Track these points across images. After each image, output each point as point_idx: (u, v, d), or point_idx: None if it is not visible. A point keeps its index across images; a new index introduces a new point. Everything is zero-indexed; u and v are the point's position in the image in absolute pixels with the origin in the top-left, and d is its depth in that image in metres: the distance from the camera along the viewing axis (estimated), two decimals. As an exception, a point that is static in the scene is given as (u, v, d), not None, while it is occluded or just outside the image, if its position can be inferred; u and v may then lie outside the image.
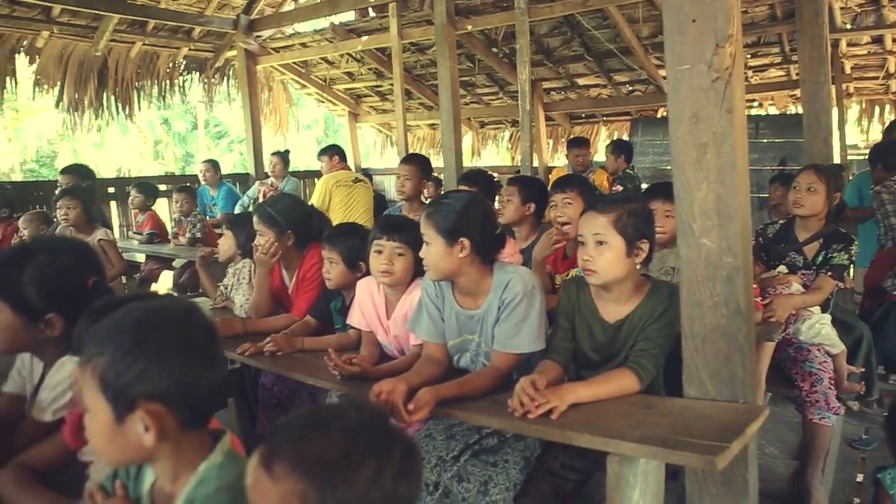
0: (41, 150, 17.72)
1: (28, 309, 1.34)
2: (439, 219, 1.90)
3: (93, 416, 0.90)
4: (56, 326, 1.36)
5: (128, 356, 0.88)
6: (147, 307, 0.94)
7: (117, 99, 7.62)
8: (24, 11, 6.55)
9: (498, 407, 1.70)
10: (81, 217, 3.72)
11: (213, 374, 0.94)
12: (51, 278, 1.36)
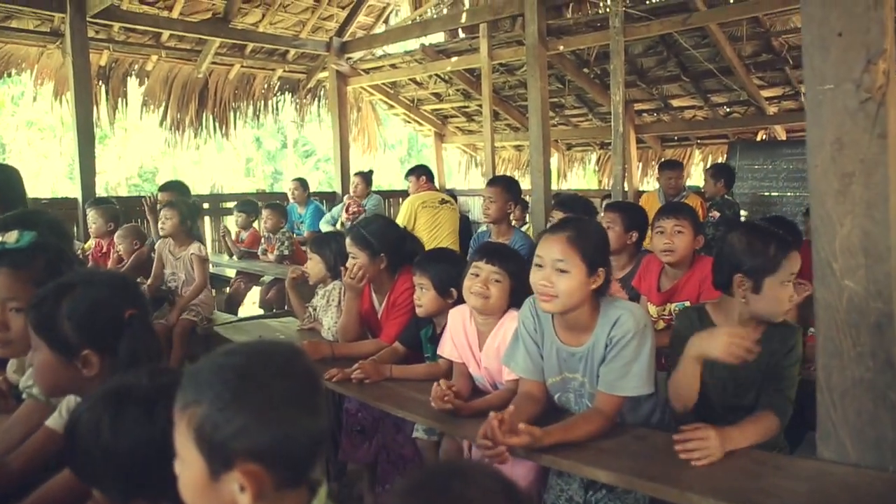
0: (144, 167, 18.77)
1: (63, 346, 1.27)
2: (587, 245, 1.74)
3: (185, 467, 0.82)
4: (93, 364, 1.28)
5: (227, 409, 0.79)
6: (249, 351, 0.86)
7: (215, 118, 7.93)
8: (137, 38, 6.95)
9: (606, 457, 1.54)
10: (177, 228, 3.80)
11: (316, 427, 0.85)
12: (85, 312, 1.29)
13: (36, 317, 1.26)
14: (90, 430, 1.00)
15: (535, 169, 5.36)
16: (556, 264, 1.72)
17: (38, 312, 1.26)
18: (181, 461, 0.83)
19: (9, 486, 1.35)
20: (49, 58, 6.57)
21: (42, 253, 1.61)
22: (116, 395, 1.03)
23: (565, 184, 9.59)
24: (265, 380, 0.82)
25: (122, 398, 1.01)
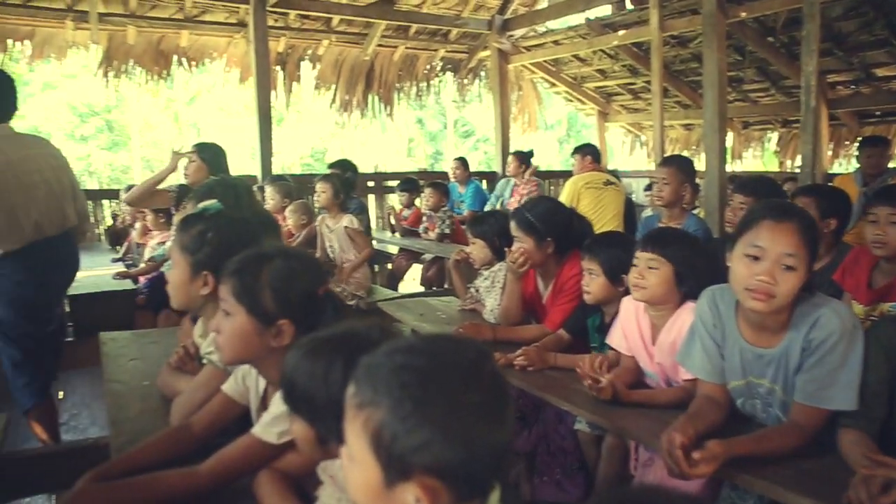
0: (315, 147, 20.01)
1: (263, 313, 1.30)
2: (813, 237, 1.53)
3: (357, 466, 0.78)
4: (286, 334, 1.30)
5: (409, 420, 0.73)
6: (432, 351, 0.78)
7: (380, 99, 8.18)
8: (310, 24, 7.34)
9: (811, 482, 1.34)
10: (331, 201, 3.92)
11: (502, 440, 0.77)
12: (285, 283, 1.31)
13: (238, 283, 1.30)
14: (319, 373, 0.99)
15: (709, 149, 4.95)
16: (783, 259, 1.49)
17: (241, 279, 1.30)
18: (352, 458, 0.79)
19: (190, 448, 1.43)
20: (235, 47, 7.11)
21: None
22: (350, 342, 1.02)
23: (739, 165, 8.84)
24: (450, 388, 0.75)
25: (355, 346, 1.00)
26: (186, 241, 1.61)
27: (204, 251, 1.59)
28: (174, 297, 1.64)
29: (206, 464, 1.25)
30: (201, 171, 3.32)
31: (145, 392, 1.82)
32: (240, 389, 1.45)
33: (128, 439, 1.52)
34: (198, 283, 1.59)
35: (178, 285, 1.61)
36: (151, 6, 6.44)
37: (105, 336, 2.37)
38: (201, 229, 1.61)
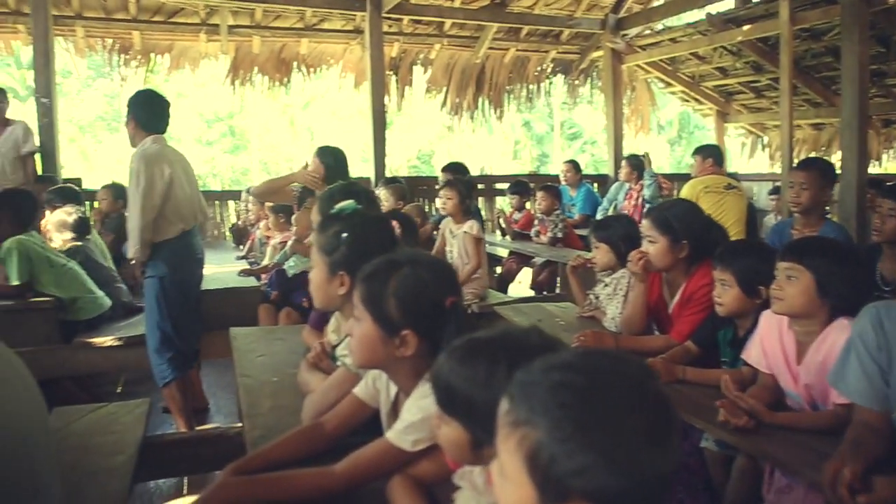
0: (422, 150, 20.35)
1: (387, 322, 1.28)
2: None
3: (510, 483, 0.74)
4: (410, 345, 1.28)
5: (568, 443, 0.68)
6: (591, 369, 0.74)
7: (490, 102, 8.18)
8: (423, 28, 7.46)
9: None
10: (457, 208, 3.93)
11: (667, 467, 0.71)
12: (411, 292, 1.29)
13: (366, 290, 1.30)
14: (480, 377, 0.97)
15: (846, 149, 4.59)
16: None
17: (369, 286, 1.30)
18: (504, 475, 0.75)
19: (322, 447, 1.45)
20: (351, 53, 7.34)
21: None
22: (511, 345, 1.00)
23: (877, 167, 8.14)
24: (613, 410, 0.70)
25: (516, 350, 0.98)
26: (323, 242, 1.64)
27: (340, 251, 1.61)
28: (315, 297, 1.68)
29: (341, 465, 1.26)
30: (321, 174, 3.43)
31: (275, 388, 1.88)
32: (370, 392, 1.46)
33: (261, 434, 1.57)
34: (335, 283, 1.61)
35: (317, 285, 1.65)
36: (275, 16, 6.76)
37: (235, 331, 2.49)
38: (337, 230, 1.64)
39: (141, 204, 3.08)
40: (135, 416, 2.15)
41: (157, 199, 3.12)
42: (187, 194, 3.27)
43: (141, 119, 3.24)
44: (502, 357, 0.97)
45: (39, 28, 5.24)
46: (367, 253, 1.55)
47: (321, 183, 3.36)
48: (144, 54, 6.58)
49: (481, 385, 0.95)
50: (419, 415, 1.22)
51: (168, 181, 3.16)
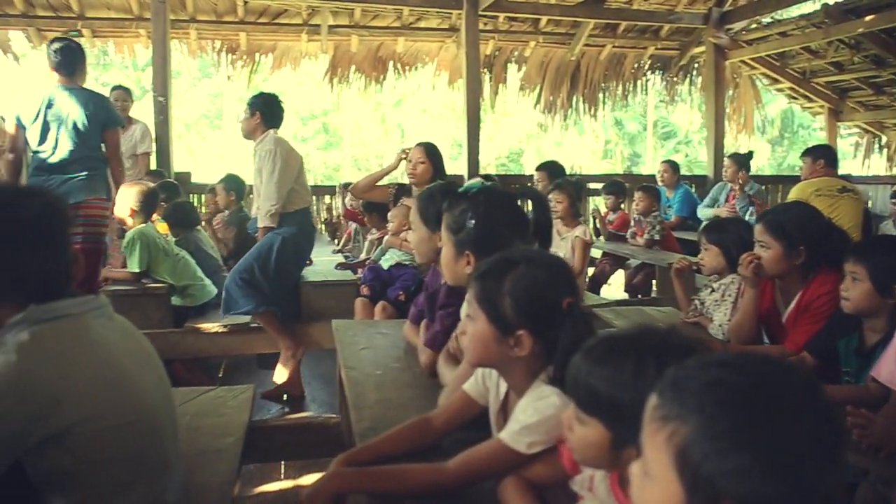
0: (511, 148, 20.26)
1: (501, 321, 1.26)
2: None
3: (653, 481, 0.72)
4: (525, 345, 1.25)
5: (722, 441, 0.65)
6: (752, 369, 0.70)
7: (584, 100, 8.03)
8: (518, 26, 7.40)
9: None
10: (568, 211, 3.87)
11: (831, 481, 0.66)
12: (526, 292, 1.26)
13: (480, 288, 1.29)
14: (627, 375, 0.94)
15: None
16: None
17: (483, 285, 1.29)
18: (649, 474, 0.72)
19: (430, 441, 1.45)
20: (446, 51, 7.39)
21: None
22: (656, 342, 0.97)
23: None
24: (776, 413, 0.66)
25: (662, 347, 0.95)
26: (450, 221, 1.66)
27: (466, 230, 1.62)
28: (445, 274, 1.71)
29: (454, 463, 1.26)
30: (428, 172, 3.48)
31: (379, 381, 1.91)
32: (480, 390, 1.45)
33: (369, 426, 1.59)
34: (462, 262, 1.62)
35: (446, 263, 1.68)
36: (373, 16, 6.89)
37: (337, 324, 2.54)
38: (463, 209, 1.64)
39: (277, 178, 3.51)
40: (240, 401, 2.24)
41: (292, 174, 3.60)
42: (303, 179, 3.75)
43: (266, 115, 3.65)
44: (649, 355, 0.94)
45: (158, 31, 5.58)
46: (494, 232, 1.55)
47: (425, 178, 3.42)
48: (250, 54, 6.88)
49: (628, 384, 0.93)
50: (535, 417, 1.20)
51: (299, 160, 3.70)
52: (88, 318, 1.32)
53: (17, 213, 1.26)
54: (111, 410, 1.27)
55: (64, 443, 1.22)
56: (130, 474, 1.31)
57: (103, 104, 3.83)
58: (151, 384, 1.40)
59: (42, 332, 1.23)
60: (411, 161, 3.55)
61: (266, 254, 3.58)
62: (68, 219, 1.39)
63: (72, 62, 3.69)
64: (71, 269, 1.36)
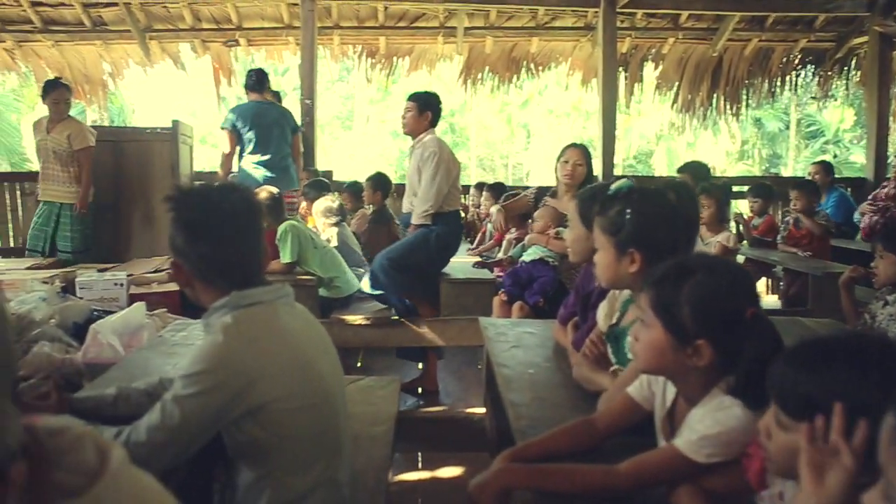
0: (640, 149, 19.63)
1: (679, 330, 1.23)
2: None
3: None
4: (704, 355, 1.21)
5: None
6: None
7: (726, 98, 7.63)
8: (656, 22, 7.15)
9: None
10: (714, 216, 3.71)
11: None
12: (706, 300, 1.22)
13: (656, 295, 1.27)
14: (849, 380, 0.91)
15: None
16: None
17: (658, 291, 1.27)
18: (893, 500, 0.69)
19: (592, 443, 1.45)
20: (580, 50, 7.28)
21: None
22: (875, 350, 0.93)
23: None
24: None
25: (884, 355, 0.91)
26: (606, 224, 1.65)
27: (626, 230, 1.61)
28: (602, 277, 1.70)
29: (626, 466, 1.25)
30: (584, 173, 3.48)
31: (532, 380, 1.92)
32: (645, 394, 1.43)
33: (528, 424, 1.60)
34: (625, 261, 1.61)
35: (605, 266, 1.67)
36: (508, 17, 6.93)
37: (485, 321, 2.59)
38: (619, 209, 1.63)
39: (438, 182, 3.70)
40: (389, 392, 2.34)
41: (451, 179, 3.76)
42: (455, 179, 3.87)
43: (434, 115, 3.90)
44: (870, 362, 0.89)
45: (307, 38, 5.92)
46: (655, 226, 1.54)
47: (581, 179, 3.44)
48: (388, 58, 7.13)
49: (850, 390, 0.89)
50: (716, 428, 1.17)
51: (457, 166, 3.87)
52: (278, 306, 1.43)
53: (221, 208, 1.39)
54: (298, 392, 1.37)
55: (258, 418, 1.34)
56: (311, 452, 1.41)
57: (290, 114, 4.99)
58: (329, 370, 1.49)
59: (241, 316, 1.35)
60: (569, 162, 3.53)
61: (418, 246, 3.78)
62: (261, 212, 1.52)
63: (263, 83, 4.84)
64: (263, 258, 1.48)
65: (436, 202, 3.72)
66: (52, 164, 4.94)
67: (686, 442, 1.20)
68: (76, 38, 6.76)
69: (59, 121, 4.95)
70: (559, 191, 3.63)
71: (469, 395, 3.85)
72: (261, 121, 4.71)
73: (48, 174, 4.95)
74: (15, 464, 0.63)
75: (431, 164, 3.71)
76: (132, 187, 5.41)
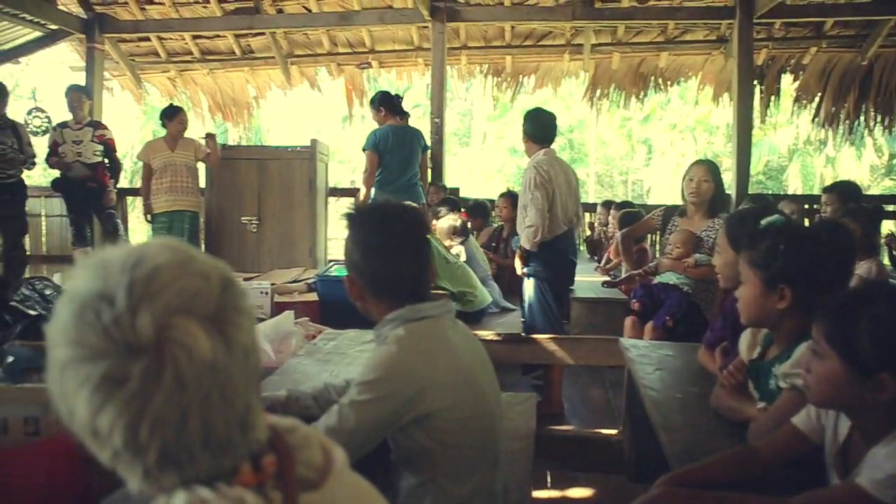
0: (770, 164, 18.53)
1: (860, 363, 1.17)
2: None
3: None
4: (887, 389, 1.15)
5: None
6: None
7: (876, 109, 7.08)
8: (797, 31, 6.78)
9: None
10: (860, 244, 3.44)
11: None
12: (889, 331, 1.15)
13: (832, 327, 1.23)
14: None
15: None
16: None
17: (835, 322, 1.22)
18: None
19: (754, 473, 1.41)
20: (712, 63, 7.03)
21: None
22: None
23: None
24: None
25: None
26: (756, 257, 1.61)
27: (778, 265, 1.57)
28: (745, 312, 1.66)
29: (799, 500, 1.21)
30: (711, 190, 3.37)
31: (682, 404, 1.88)
32: (813, 426, 1.37)
33: (682, 449, 1.58)
34: (773, 297, 1.57)
35: (749, 301, 1.63)
36: (636, 32, 6.82)
37: (625, 342, 2.57)
38: (771, 243, 1.59)
39: (537, 205, 3.66)
40: (526, 408, 2.37)
41: (543, 209, 3.65)
42: (564, 201, 3.78)
43: (532, 135, 3.85)
44: None
45: (437, 59, 6.12)
46: (810, 263, 1.50)
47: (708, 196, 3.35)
48: (514, 76, 7.22)
49: None
50: None
51: (550, 193, 3.68)
52: (445, 321, 1.51)
53: (395, 227, 1.49)
54: (462, 403, 1.44)
55: (425, 426, 1.41)
56: (471, 462, 1.47)
57: (421, 134, 5.34)
58: (489, 384, 1.55)
59: (413, 329, 1.44)
60: (694, 180, 3.43)
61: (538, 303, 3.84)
62: (429, 231, 1.61)
63: (399, 107, 5.20)
64: (430, 274, 1.57)
65: (535, 235, 3.68)
66: (182, 177, 5.57)
67: (871, 481, 1.15)
68: (227, 65, 7.37)
69: (179, 139, 5.59)
70: (689, 210, 3.52)
71: (596, 415, 3.80)
72: (399, 143, 5.06)
73: (177, 187, 5.55)
74: (266, 456, 0.72)
75: (527, 192, 3.71)
76: (273, 202, 5.81)
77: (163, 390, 0.61)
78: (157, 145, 5.76)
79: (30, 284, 3.31)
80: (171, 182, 5.56)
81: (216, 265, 0.70)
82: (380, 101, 5.16)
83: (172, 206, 5.56)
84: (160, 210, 5.61)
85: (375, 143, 5.00)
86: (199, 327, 0.63)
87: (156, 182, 5.59)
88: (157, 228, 5.66)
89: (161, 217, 5.61)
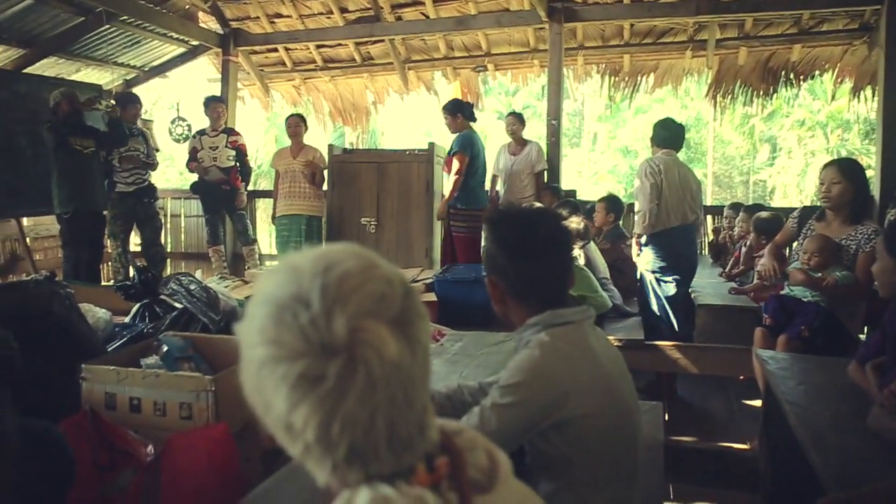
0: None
1: None
2: None
3: None
4: None
5: None
6: None
7: None
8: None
9: None
10: None
11: None
12: None
13: None
14: None
15: None
16: None
17: None
18: None
19: None
20: (852, 55, 6.51)
21: None
22: None
23: None
24: None
25: None
26: None
27: None
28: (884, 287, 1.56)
29: None
30: (848, 192, 3.10)
31: (832, 424, 1.77)
32: None
33: (837, 472, 1.49)
34: None
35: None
36: (766, 25, 6.44)
37: (763, 353, 2.44)
38: None
39: (642, 197, 3.95)
40: (653, 417, 2.29)
41: (650, 196, 3.90)
42: (675, 196, 3.98)
43: (659, 141, 4.16)
44: None
45: (554, 61, 6.07)
46: None
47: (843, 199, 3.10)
48: (632, 75, 7.02)
49: None
50: None
51: (659, 184, 3.93)
52: (585, 326, 1.49)
53: (540, 230, 1.49)
54: (603, 411, 1.41)
55: (564, 431, 1.40)
56: (610, 471, 1.45)
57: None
58: (628, 392, 1.52)
59: (556, 333, 1.44)
60: (824, 183, 3.17)
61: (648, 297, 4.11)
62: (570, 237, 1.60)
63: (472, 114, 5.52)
64: (571, 279, 1.56)
65: (645, 224, 3.95)
66: (301, 183, 5.90)
67: None
68: (348, 72, 7.66)
69: (300, 147, 5.98)
70: (827, 215, 3.24)
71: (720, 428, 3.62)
72: (481, 147, 5.50)
73: (294, 192, 5.90)
74: (438, 456, 0.74)
75: (637, 180, 4.09)
76: (392, 203, 5.97)
77: (355, 389, 0.64)
78: (282, 153, 6.15)
79: (177, 280, 3.59)
80: (289, 187, 5.93)
81: (396, 270, 0.73)
82: (457, 108, 5.42)
83: (289, 209, 5.92)
84: (280, 213, 5.96)
85: (467, 146, 5.31)
86: (386, 330, 0.66)
87: (279, 186, 5.94)
88: (279, 230, 6.00)
89: (282, 219, 5.95)
